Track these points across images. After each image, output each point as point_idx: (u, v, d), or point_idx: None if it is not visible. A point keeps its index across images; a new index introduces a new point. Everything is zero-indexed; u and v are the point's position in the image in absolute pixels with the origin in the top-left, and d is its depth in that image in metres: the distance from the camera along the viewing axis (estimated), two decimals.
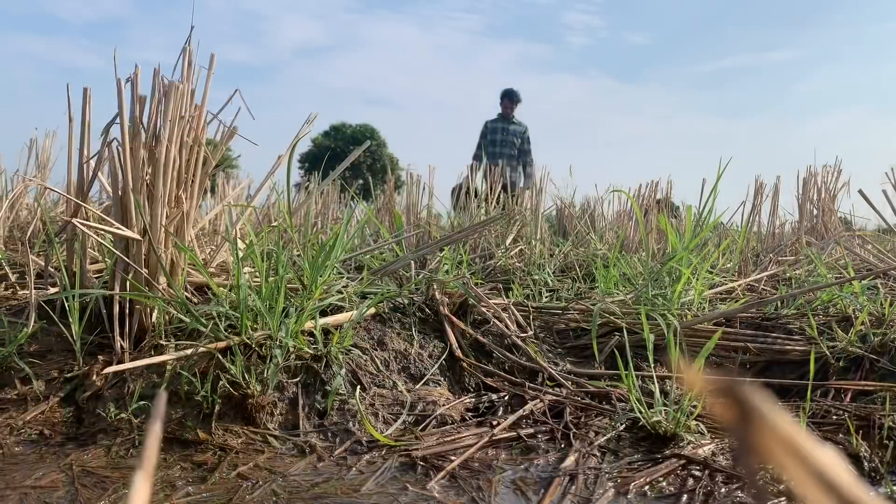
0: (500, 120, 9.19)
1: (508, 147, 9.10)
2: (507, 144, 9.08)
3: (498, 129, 9.13)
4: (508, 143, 9.09)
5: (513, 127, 9.17)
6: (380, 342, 1.96)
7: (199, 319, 1.76)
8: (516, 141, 9.18)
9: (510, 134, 9.10)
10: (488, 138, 9.12)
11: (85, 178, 2.02)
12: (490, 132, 9.17)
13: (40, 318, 1.94)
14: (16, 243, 3.27)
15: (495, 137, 9.10)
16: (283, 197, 2.16)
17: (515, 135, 9.18)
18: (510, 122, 9.16)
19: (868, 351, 1.99)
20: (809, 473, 0.22)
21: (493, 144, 9.10)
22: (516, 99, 9.23)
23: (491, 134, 9.14)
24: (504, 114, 9.21)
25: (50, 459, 1.49)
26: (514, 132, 9.17)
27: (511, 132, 9.12)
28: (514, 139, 9.16)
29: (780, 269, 3.33)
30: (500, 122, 9.16)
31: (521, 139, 9.24)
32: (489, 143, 9.12)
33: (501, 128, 9.12)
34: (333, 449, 1.58)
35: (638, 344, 2.13)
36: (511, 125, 9.16)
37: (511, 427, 1.70)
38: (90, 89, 1.96)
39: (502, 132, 9.11)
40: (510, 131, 9.11)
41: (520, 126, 9.24)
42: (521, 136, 9.23)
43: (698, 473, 1.44)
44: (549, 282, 3.18)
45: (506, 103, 9.26)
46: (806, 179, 4.87)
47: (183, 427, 1.60)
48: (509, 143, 9.09)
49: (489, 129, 9.21)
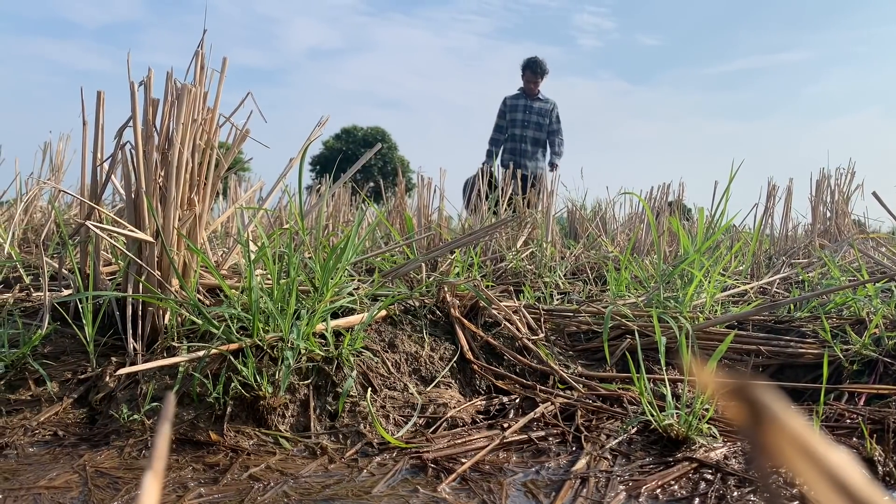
0: (521, 96, 7.36)
1: (533, 128, 7.29)
2: (530, 125, 7.28)
3: (519, 108, 7.31)
4: (532, 123, 7.28)
5: (538, 105, 7.31)
6: (391, 344, 1.96)
7: (211, 321, 1.77)
8: (543, 121, 7.32)
9: (535, 113, 7.28)
10: (507, 118, 7.37)
11: (98, 180, 2.03)
12: (510, 110, 7.35)
13: (54, 320, 1.96)
14: (30, 245, 3.30)
15: (515, 117, 7.30)
16: (294, 199, 2.17)
17: (542, 114, 7.31)
18: (535, 98, 7.32)
19: (882, 354, 1.98)
20: (822, 475, 0.22)
21: (514, 125, 7.30)
22: (541, 70, 7.26)
23: (511, 112, 7.33)
24: (527, 89, 7.33)
25: (63, 460, 1.50)
26: (541, 111, 7.31)
27: (536, 111, 7.29)
28: (539, 119, 7.31)
29: (793, 272, 3.31)
30: (523, 98, 7.34)
31: (549, 118, 7.37)
32: (509, 123, 7.35)
33: (524, 106, 7.30)
34: (344, 451, 1.58)
35: (649, 347, 2.12)
36: (536, 102, 7.31)
37: (522, 430, 1.70)
38: (104, 93, 1.98)
39: (525, 111, 7.30)
40: (535, 109, 7.29)
41: (546, 103, 7.35)
42: (548, 115, 7.37)
43: (710, 477, 1.44)
44: (559, 284, 3.18)
45: (528, 76, 7.28)
46: (819, 181, 4.84)
47: (195, 428, 1.61)
48: (534, 124, 7.28)
49: (508, 107, 7.39)
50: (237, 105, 2.08)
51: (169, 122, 1.90)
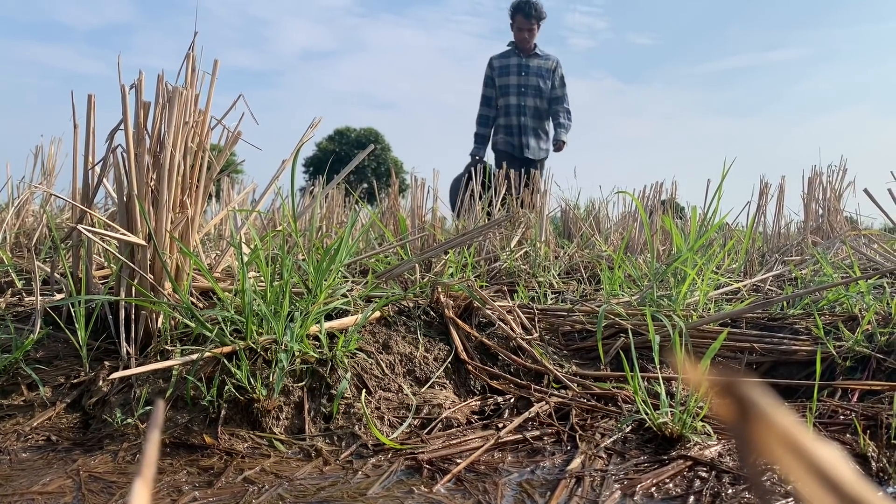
0: (513, 53, 5.61)
1: (532, 95, 5.56)
2: (528, 92, 5.55)
3: (512, 68, 5.57)
4: (531, 89, 5.55)
5: (536, 63, 5.58)
6: (385, 345, 1.96)
7: (204, 324, 1.77)
8: (544, 84, 5.60)
9: (532, 74, 5.56)
10: (498, 84, 5.64)
11: (90, 184, 2.03)
12: (500, 74, 5.61)
13: (46, 325, 1.95)
14: (22, 250, 3.29)
15: (508, 82, 5.57)
16: (287, 201, 2.16)
17: (541, 74, 5.58)
18: (531, 54, 5.59)
19: (875, 350, 1.99)
20: (810, 470, 0.22)
21: (507, 93, 5.56)
22: (536, 14, 5.45)
23: (502, 76, 5.60)
24: (519, 42, 5.54)
25: (57, 465, 1.49)
26: (540, 71, 5.58)
27: (534, 71, 5.56)
28: (539, 82, 5.57)
29: (786, 269, 3.32)
30: (515, 56, 5.60)
31: (552, 80, 5.64)
32: (501, 91, 5.61)
33: (517, 65, 5.57)
34: (339, 453, 1.58)
35: (643, 345, 2.12)
36: (533, 60, 5.59)
37: (517, 429, 1.70)
38: (95, 96, 1.97)
39: (520, 72, 5.55)
40: (532, 70, 5.56)
41: (547, 60, 5.64)
42: (550, 76, 5.63)
43: (705, 475, 1.44)
44: (554, 284, 3.18)
45: (520, 22, 5.45)
46: (811, 179, 4.86)
47: (189, 432, 1.60)
48: (532, 90, 5.55)
49: (497, 71, 5.62)
50: (229, 107, 2.07)
51: (160, 124, 1.89)
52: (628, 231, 3.69)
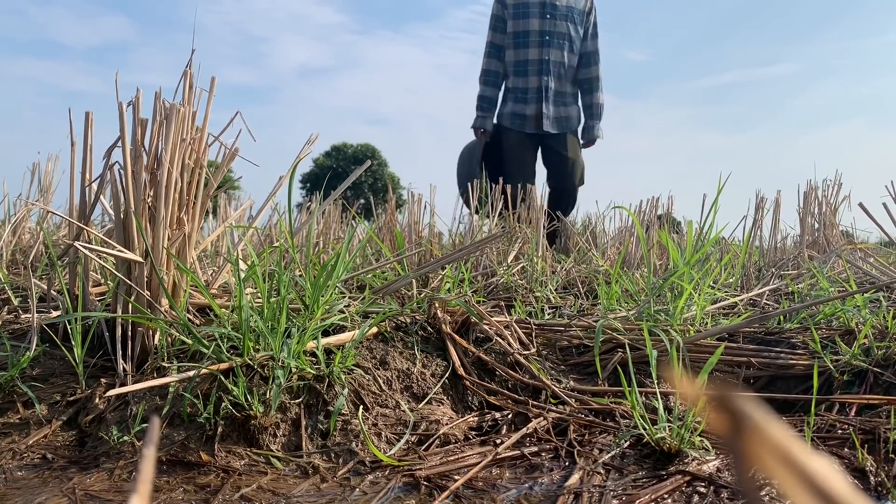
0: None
1: (557, 46, 4.17)
2: (553, 41, 4.14)
3: (533, 7, 4.11)
4: (557, 37, 4.15)
5: (565, 1, 4.18)
6: (382, 361, 1.95)
7: (201, 341, 1.76)
8: (574, 31, 4.22)
9: (560, 16, 4.15)
10: (512, 30, 4.21)
11: (87, 201, 2.03)
12: (515, 14, 4.15)
13: (43, 342, 1.94)
14: (18, 267, 3.28)
15: (528, 27, 4.12)
16: (284, 217, 2.17)
17: (572, 18, 4.19)
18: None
19: (872, 364, 1.99)
20: (804, 483, 0.22)
21: (525, 43, 4.14)
22: None
23: (518, 17, 4.14)
24: None
25: (53, 483, 1.48)
26: (570, 13, 4.17)
27: (562, 13, 4.15)
28: (569, 27, 4.19)
29: (783, 283, 3.33)
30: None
31: (583, 24, 4.27)
32: (516, 40, 4.20)
33: (540, 3, 4.12)
34: (337, 470, 1.57)
35: (641, 360, 2.12)
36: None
37: (515, 445, 1.69)
38: (92, 113, 1.98)
39: (544, 13, 4.09)
40: (560, 11, 4.14)
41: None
42: (582, 20, 4.25)
43: (703, 490, 1.44)
44: (551, 299, 3.18)
45: None
46: (807, 193, 4.88)
47: (186, 449, 1.59)
48: (559, 38, 4.16)
49: (512, 10, 4.16)
50: (226, 124, 2.08)
51: (158, 141, 1.90)
52: (625, 246, 3.69)
